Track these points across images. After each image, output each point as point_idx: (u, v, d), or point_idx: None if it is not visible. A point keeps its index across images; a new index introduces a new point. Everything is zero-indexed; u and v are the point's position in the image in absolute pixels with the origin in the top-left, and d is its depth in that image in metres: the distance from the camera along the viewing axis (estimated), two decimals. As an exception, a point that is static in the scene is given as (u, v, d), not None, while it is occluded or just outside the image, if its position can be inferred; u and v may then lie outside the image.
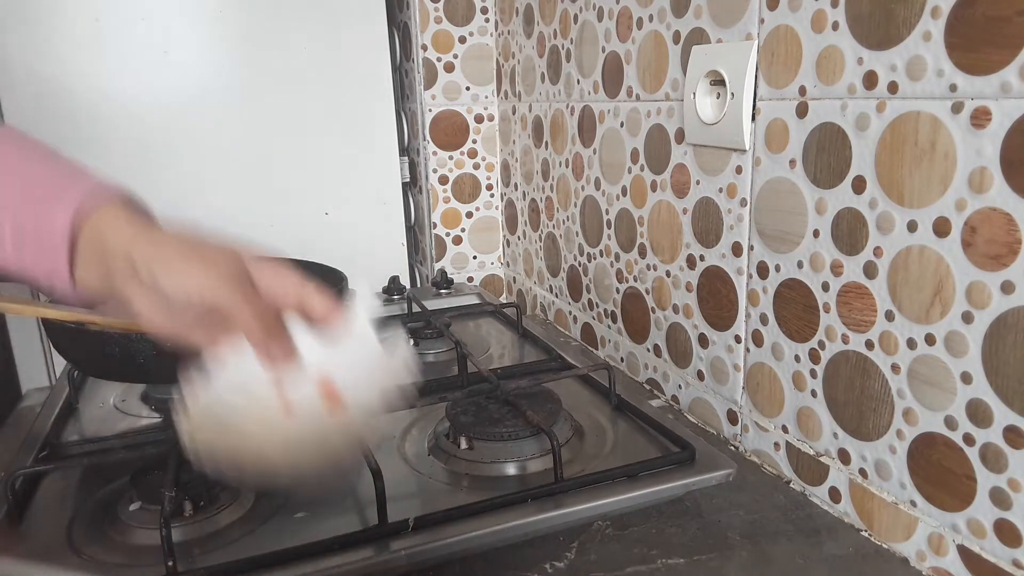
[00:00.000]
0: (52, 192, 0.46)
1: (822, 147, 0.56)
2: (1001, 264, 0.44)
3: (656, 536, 0.57)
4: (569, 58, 0.94)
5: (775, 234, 0.62)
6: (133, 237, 0.44)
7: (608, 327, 0.93)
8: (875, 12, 0.50)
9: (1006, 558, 0.47)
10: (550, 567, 0.53)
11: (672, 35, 0.73)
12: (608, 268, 0.91)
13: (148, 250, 0.44)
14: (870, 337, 0.54)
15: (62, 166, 0.49)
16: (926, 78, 0.47)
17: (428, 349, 0.92)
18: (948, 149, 0.46)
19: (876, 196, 0.52)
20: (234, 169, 1.10)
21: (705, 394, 0.75)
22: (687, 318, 0.76)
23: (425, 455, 0.66)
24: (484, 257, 1.26)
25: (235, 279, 0.45)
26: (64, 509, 0.60)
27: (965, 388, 0.47)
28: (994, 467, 0.46)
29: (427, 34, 1.14)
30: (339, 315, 0.47)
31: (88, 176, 0.48)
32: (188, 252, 0.45)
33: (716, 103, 0.67)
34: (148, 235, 0.45)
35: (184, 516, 0.56)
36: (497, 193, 1.24)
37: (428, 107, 1.17)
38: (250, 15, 1.06)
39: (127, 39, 1.01)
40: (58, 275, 0.45)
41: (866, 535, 0.56)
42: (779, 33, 0.59)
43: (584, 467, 0.63)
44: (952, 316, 0.48)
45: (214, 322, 0.45)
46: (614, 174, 0.87)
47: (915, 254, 0.50)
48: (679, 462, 0.61)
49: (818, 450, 0.61)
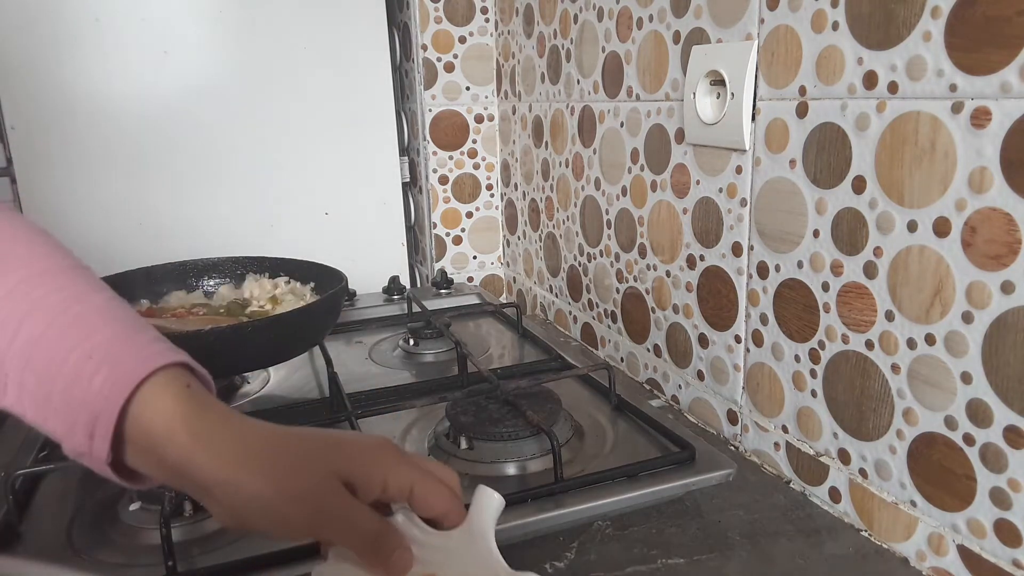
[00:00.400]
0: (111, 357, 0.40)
1: (822, 147, 0.56)
2: (1001, 264, 0.44)
3: (656, 536, 0.57)
4: (569, 58, 0.94)
5: (775, 234, 0.62)
6: (191, 448, 0.38)
7: (608, 327, 0.93)
8: (875, 12, 0.50)
9: (1006, 558, 0.47)
10: (550, 567, 0.53)
11: (672, 35, 0.73)
12: (608, 268, 0.91)
13: (209, 468, 0.38)
14: (870, 337, 0.54)
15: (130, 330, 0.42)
16: (926, 78, 0.47)
17: (428, 349, 0.92)
18: (948, 149, 0.46)
19: (876, 196, 0.52)
20: (234, 169, 1.10)
21: (705, 394, 0.75)
22: (687, 318, 0.76)
23: (425, 455, 0.66)
24: (484, 257, 1.26)
25: (321, 493, 0.39)
26: (64, 509, 0.60)
27: (965, 388, 0.47)
28: (994, 467, 0.46)
29: (427, 34, 1.14)
30: (458, 512, 0.42)
31: (155, 354, 0.41)
32: (257, 467, 0.39)
33: (716, 103, 0.67)
34: (208, 444, 0.39)
35: (184, 516, 0.56)
36: (497, 193, 1.24)
37: (428, 107, 1.17)
38: (250, 15, 1.06)
39: (127, 39, 1.01)
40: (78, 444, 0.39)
41: (866, 535, 0.56)
42: (779, 33, 0.59)
43: (584, 467, 0.63)
44: (952, 316, 0.48)
45: (314, 528, 0.39)
46: (614, 174, 0.87)
47: (915, 254, 0.50)
48: (679, 462, 0.61)
49: (818, 450, 0.61)
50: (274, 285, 0.90)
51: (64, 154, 1.01)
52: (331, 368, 0.78)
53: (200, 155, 1.08)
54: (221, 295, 0.90)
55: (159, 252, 0.97)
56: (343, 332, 1.00)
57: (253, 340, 0.70)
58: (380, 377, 0.85)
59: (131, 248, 1.05)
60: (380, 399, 0.77)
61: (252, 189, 1.11)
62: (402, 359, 0.92)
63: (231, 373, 0.81)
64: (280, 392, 0.83)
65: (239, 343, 0.69)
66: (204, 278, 0.93)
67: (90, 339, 0.41)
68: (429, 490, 0.42)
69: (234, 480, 0.38)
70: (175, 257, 0.93)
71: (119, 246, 1.05)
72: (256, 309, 0.84)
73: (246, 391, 0.83)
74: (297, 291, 0.89)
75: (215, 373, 0.46)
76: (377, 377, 0.85)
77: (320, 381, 0.84)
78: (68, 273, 0.44)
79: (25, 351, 0.40)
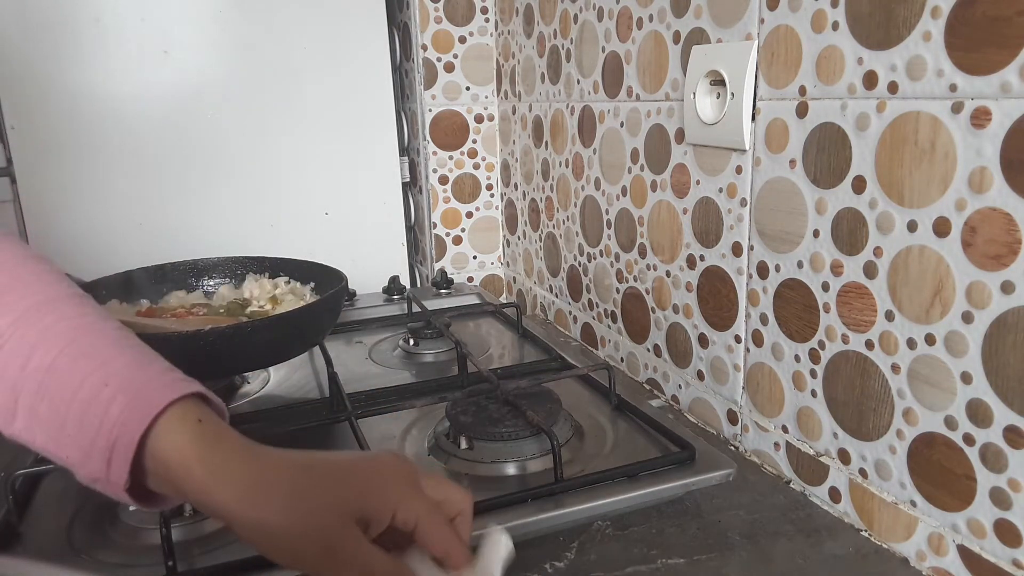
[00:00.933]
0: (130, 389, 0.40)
1: (822, 147, 0.56)
2: (1001, 264, 0.44)
3: (656, 536, 0.57)
4: (569, 58, 0.94)
5: (775, 234, 0.62)
6: (206, 482, 0.39)
7: (608, 327, 0.93)
8: (875, 12, 0.50)
9: (1006, 558, 0.47)
10: (550, 567, 0.53)
11: (672, 35, 0.73)
12: (608, 268, 0.91)
13: (224, 502, 0.39)
14: (870, 337, 0.54)
15: (144, 364, 0.43)
16: (926, 78, 0.47)
17: (428, 349, 0.92)
18: (948, 149, 0.46)
19: (876, 196, 0.52)
20: (234, 169, 1.10)
21: (705, 394, 0.75)
22: (687, 318, 0.76)
23: (425, 455, 0.66)
24: (484, 257, 1.26)
25: (332, 533, 0.39)
26: (64, 509, 0.60)
27: (965, 388, 0.47)
28: (994, 467, 0.46)
29: (427, 34, 1.14)
30: (459, 554, 0.42)
31: (170, 384, 0.42)
32: (267, 503, 0.39)
33: (716, 103, 0.67)
34: (222, 480, 0.39)
35: (184, 516, 0.56)
36: (497, 193, 1.24)
37: (428, 107, 1.17)
38: (250, 15, 1.06)
39: (127, 39, 1.01)
40: (91, 466, 0.40)
41: (866, 535, 0.56)
42: (779, 33, 0.59)
43: (584, 467, 0.63)
44: (952, 316, 0.48)
45: None
46: (614, 174, 0.87)
47: (915, 254, 0.50)
48: (679, 462, 0.61)
49: (818, 450, 0.61)
50: (274, 285, 0.90)
51: (64, 154, 1.01)
52: (331, 368, 0.78)
53: (200, 155, 1.08)
54: (221, 295, 0.90)
55: (159, 252, 0.97)
56: (343, 332, 1.00)
57: (253, 340, 0.70)
58: (380, 377, 0.85)
59: (131, 248, 1.05)
60: (380, 399, 0.77)
61: (252, 189, 1.11)
62: (402, 359, 0.92)
63: (231, 373, 0.81)
64: (280, 392, 0.83)
65: (239, 343, 0.69)
66: (204, 278, 0.93)
67: (105, 367, 0.41)
68: (431, 529, 0.42)
69: (248, 516, 0.39)
70: (175, 257, 0.93)
71: (119, 246, 1.05)
72: (256, 309, 0.84)
73: (246, 391, 0.83)
74: (297, 291, 0.89)
75: (215, 373, 0.46)
76: (377, 377, 0.85)
77: (320, 381, 0.84)
78: (75, 300, 0.45)
79: (37, 377, 0.40)
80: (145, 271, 0.90)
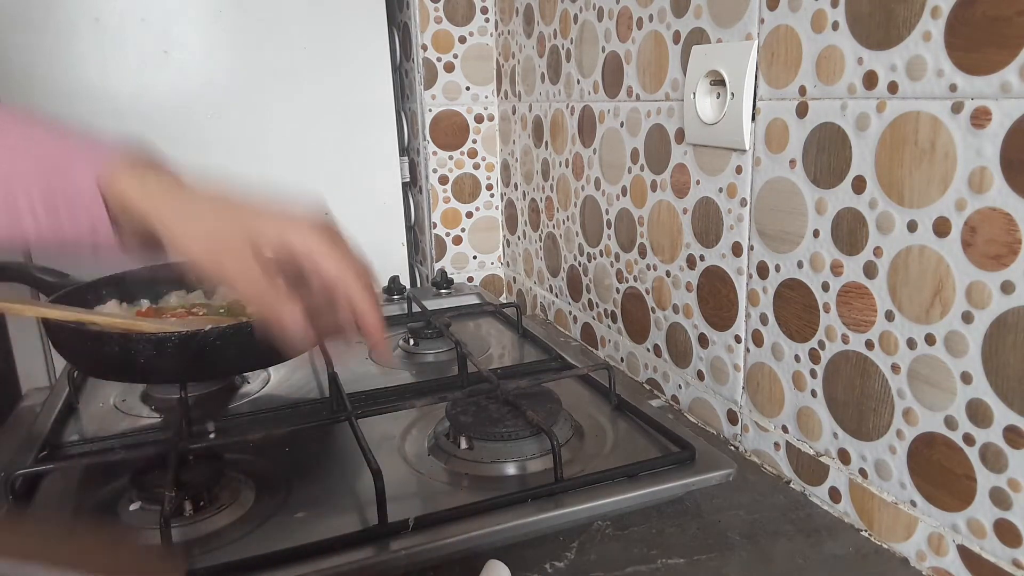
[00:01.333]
0: (65, 161, 0.49)
1: (822, 147, 0.56)
2: (1001, 264, 0.44)
3: (656, 536, 0.57)
4: (569, 58, 0.94)
5: (775, 234, 0.62)
6: (151, 204, 0.50)
7: (608, 327, 0.93)
8: (875, 12, 0.50)
9: (1006, 558, 0.47)
10: (550, 567, 0.53)
11: (672, 35, 0.73)
12: (608, 268, 0.91)
13: (160, 227, 0.49)
14: (870, 337, 0.54)
15: (71, 137, 0.53)
16: (926, 78, 0.47)
17: (428, 349, 0.92)
18: (948, 149, 0.46)
19: (876, 196, 0.52)
20: (234, 169, 1.09)
21: (705, 394, 0.75)
22: (687, 318, 0.76)
23: (425, 455, 0.66)
24: (484, 257, 1.26)
25: (227, 246, 0.49)
26: (64, 509, 0.60)
27: (965, 388, 0.47)
28: (994, 467, 0.46)
29: (427, 34, 1.14)
30: (384, 342, 0.49)
31: (97, 143, 0.52)
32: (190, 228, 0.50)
33: (716, 103, 0.67)
34: (165, 199, 0.51)
35: (184, 516, 0.56)
36: (497, 193, 1.24)
37: (428, 107, 1.17)
38: (250, 15, 1.06)
39: (127, 39, 1.01)
40: (101, 231, 0.49)
41: (866, 535, 0.57)
42: (779, 33, 0.59)
43: (584, 467, 0.63)
44: (952, 316, 0.48)
45: None
46: (614, 174, 0.87)
47: (915, 254, 0.50)
48: (679, 462, 0.61)
49: (818, 450, 0.61)
50: (274, 285, 0.89)
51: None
52: (331, 368, 0.78)
53: (199, 155, 1.07)
54: (221, 295, 0.90)
55: (159, 252, 0.97)
56: (343, 332, 1.00)
57: (253, 340, 0.70)
58: (380, 377, 0.85)
59: (131, 248, 1.05)
60: (380, 399, 0.77)
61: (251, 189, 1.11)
62: (402, 359, 0.92)
63: (231, 373, 0.81)
64: (280, 392, 0.83)
65: (239, 343, 0.69)
66: (204, 278, 0.93)
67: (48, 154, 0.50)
68: (323, 260, 0.53)
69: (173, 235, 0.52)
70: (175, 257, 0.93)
71: (119, 246, 1.05)
72: (256, 309, 0.84)
73: (246, 391, 0.83)
74: (297, 291, 0.89)
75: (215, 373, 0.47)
76: (377, 377, 0.85)
77: (320, 381, 0.84)
78: None
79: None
80: (145, 271, 0.89)
